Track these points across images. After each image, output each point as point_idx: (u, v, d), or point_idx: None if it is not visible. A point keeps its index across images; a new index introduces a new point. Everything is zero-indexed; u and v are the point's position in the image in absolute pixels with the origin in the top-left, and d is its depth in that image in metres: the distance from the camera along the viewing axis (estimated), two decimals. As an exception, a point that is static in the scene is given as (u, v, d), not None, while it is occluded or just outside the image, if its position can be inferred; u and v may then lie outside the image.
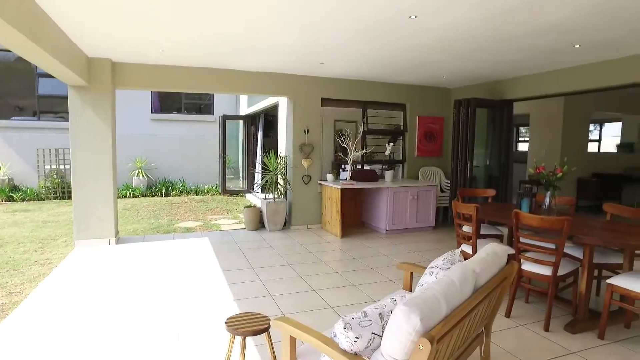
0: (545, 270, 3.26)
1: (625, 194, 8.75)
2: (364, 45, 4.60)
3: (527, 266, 3.38)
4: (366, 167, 7.09)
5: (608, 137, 10.47)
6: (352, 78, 6.82)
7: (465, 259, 2.49)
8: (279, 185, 6.79)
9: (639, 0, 3.14)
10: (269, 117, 10.93)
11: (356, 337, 1.61)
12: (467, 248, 3.88)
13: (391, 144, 6.84)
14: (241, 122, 11.64)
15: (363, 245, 5.78)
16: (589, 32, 3.94)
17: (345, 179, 6.62)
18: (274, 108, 8.69)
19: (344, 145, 6.58)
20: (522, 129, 12.94)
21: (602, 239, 3.05)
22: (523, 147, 12.27)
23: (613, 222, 3.66)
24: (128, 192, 10.75)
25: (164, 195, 11.04)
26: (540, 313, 3.55)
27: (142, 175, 11.30)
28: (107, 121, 5.48)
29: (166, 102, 12.54)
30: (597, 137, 10.81)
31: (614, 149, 9.96)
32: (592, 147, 10.47)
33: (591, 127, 10.81)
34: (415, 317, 1.44)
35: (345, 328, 1.61)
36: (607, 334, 3.17)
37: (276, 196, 6.74)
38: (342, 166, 6.89)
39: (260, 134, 11.04)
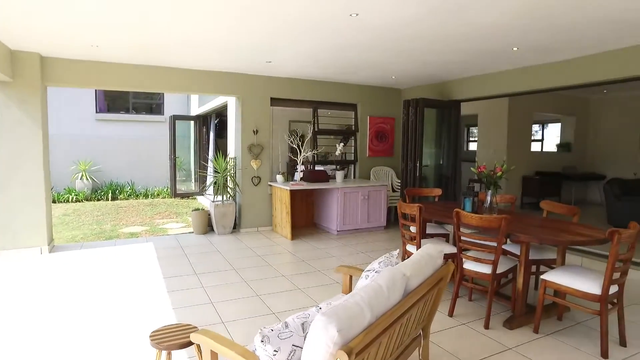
0: (486, 269, 3.30)
1: (564, 191, 9.21)
2: (310, 43, 4.52)
3: (468, 265, 3.41)
4: (319, 168, 7.03)
5: (551, 137, 10.99)
6: (302, 78, 6.73)
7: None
8: (228, 188, 6.59)
9: (563, 7, 3.25)
10: (223, 117, 10.64)
11: (275, 351, 1.50)
12: (412, 248, 3.89)
13: (342, 144, 6.82)
14: (192, 122, 11.26)
15: (313, 247, 5.70)
16: (523, 35, 4.06)
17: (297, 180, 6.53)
18: (226, 108, 8.46)
19: (294, 145, 6.48)
20: (474, 129, 13.35)
21: (537, 236, 3.12)
22: (474, 146, 12.67)
23: (548, 219, 3.77)
24: (70, 197, 10.13)
25: (110, 199, 10.50)
26: (483, 310, 3.59)
27: (87, 179, 10.70)
28: (36, 120, 5.08)
29: (113, 102, 11.95)
30: (541, 137, 11.33)
31: (554, 149, 10.46)
32: (536, 147, 10.97)
33: (536, 127, 11.32)
34: (333, 329, 1.36)
35: (262, 341, 1.50)
36: (542, 328, 3.26)
37: (225, 198, 6.53)
38: (296, 167, 6.80)
39: (212, 134, 10.73)
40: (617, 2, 3.17)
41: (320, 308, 1.72)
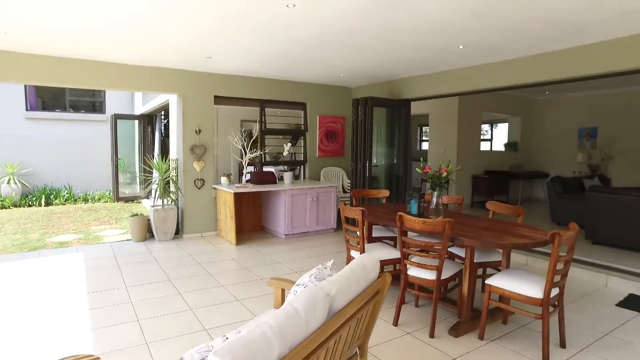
0: (430, 275, 3.17)
1: (511, 190, 9.44)
2: (249, 37, 4.23)
3: (413, 271, 3.26)
4: (268, 169, 6.74)
5: (500, 137, 11.27)
6: (248, 75, 6.42)
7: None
8: (171, 193, 6.16)
9: (504, 4, 3.17)
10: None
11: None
12: (357, 254, 3.70)
13: (289, 144, 6.56)
14: (137, 121, 10.62)
15: (258, 253, 5.41)
16: (467, 33, 3.97)
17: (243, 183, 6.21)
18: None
19: (238, 146, 6.16)
20: (427, 129, 13.47)
21: (481, 240, 3.01)
22: (427, 146, 12.79)
23: (493, 221, 3.70)
24: (-4, 203, 9.24)
25: (43, 204, 9.67)
26: (430, 317, 3.46)
27: (15, 183, 9.79)
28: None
29: (47, 99, 11.05)
30: (490, 137, 11.61)
31: (503, 148, 10.71)
32: (486, 146, 11.21)
33: (487, 127, 11.58)
34: (226, 372, 1.10)
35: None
36: (487, 333, 3.16)
37: (166, 202, 6.11)
38: (249, 168, 6.49)
39: (157, 134, 10.16)
40: (558, 2, 3.12)
41: (226, 338, 1.46)
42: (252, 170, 6.48)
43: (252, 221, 6.72)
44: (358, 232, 3.74)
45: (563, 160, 9.63)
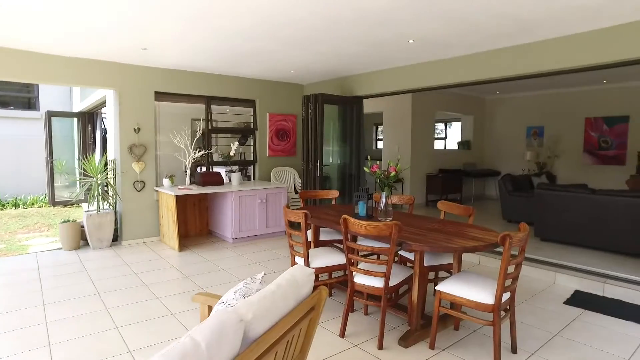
0: (378, 282, 2.95)
1: (464, 188, 9.53)
2: (186, 27, 3.87)
3: (359, 279, 3.04)
4: (218, 169, 6.35)
5: (453, 136, 11.39)
6: (192, 70, 6.00)
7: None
8: (108, 195, 5.65)
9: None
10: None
11: None
12: (301, 261, 3.44)
13: (236, 143, 6.21)
14: (75, 119, 9.84)
15: (203, 260, 5.04)
16: (414, 25, 3.80)
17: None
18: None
19: (181, 145, 5.74)
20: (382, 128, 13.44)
21: (430, 244, 2.82)
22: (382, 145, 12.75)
23: (444, 222, 3.55)
24: None
25: (-35, 210, 8.75)
26: (379, 326, 3.26)
27: None
28: None
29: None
30: (444, 136, 11.72)
31: (456, 147, 10.82)
32: (440, 145, 11.30)
33: (441, 126, 11.68)
34: None
35: None
36: (438, 341, 3.00)
37: (103, 207, 5.59)
38: (197, 168, 6.07)
39: (98, 133, 9.46)
40: (504, -9, 3.01)
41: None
42: (199, 170, 6.08)
43: (198, 225, 6.31)
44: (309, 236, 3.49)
45: (513, 158, 9.84)
